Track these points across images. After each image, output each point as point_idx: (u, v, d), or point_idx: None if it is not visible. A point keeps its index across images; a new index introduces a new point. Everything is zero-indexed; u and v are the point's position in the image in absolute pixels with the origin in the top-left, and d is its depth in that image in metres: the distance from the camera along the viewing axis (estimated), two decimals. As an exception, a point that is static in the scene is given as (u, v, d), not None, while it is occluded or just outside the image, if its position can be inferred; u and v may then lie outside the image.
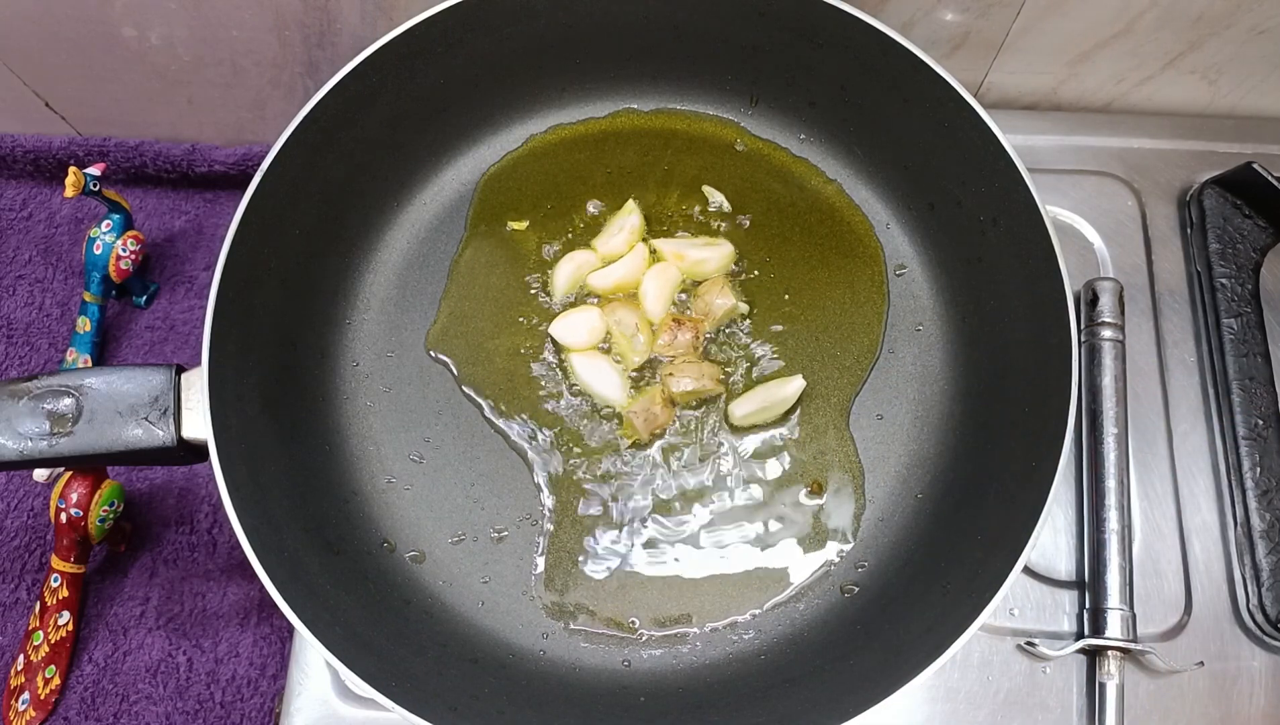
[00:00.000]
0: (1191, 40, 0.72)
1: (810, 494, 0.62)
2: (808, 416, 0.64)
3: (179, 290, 0.87)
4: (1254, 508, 0.64)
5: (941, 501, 0.61)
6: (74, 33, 0.75)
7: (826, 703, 0.51)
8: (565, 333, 0.64)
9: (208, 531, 0.78)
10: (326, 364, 0.65)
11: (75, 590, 0.74)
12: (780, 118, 0.70)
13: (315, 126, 0.60)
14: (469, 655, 0.58)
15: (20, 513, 0.79)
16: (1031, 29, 0.72)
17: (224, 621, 0.75)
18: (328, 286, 0.66)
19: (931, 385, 0.64)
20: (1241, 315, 0.69)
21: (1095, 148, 0.76)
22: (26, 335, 0.85)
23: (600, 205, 0.69)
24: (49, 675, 0.73)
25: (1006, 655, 0.62)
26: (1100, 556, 0.62)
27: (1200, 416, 0.68)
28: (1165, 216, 0.74)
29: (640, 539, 0.61)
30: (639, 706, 0.57)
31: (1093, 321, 0.67)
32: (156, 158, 0.87)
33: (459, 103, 0.68)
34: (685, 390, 0.62)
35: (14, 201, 0.90)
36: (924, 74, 0.61)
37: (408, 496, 0.62)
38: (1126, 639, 0.60)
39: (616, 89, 0.71)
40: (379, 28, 0.70)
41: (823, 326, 0.66)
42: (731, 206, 0.68)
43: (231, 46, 0.76)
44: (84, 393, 0.53)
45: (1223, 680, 0.61)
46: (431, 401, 0.64)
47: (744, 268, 0.67)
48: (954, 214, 0.64)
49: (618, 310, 0.65)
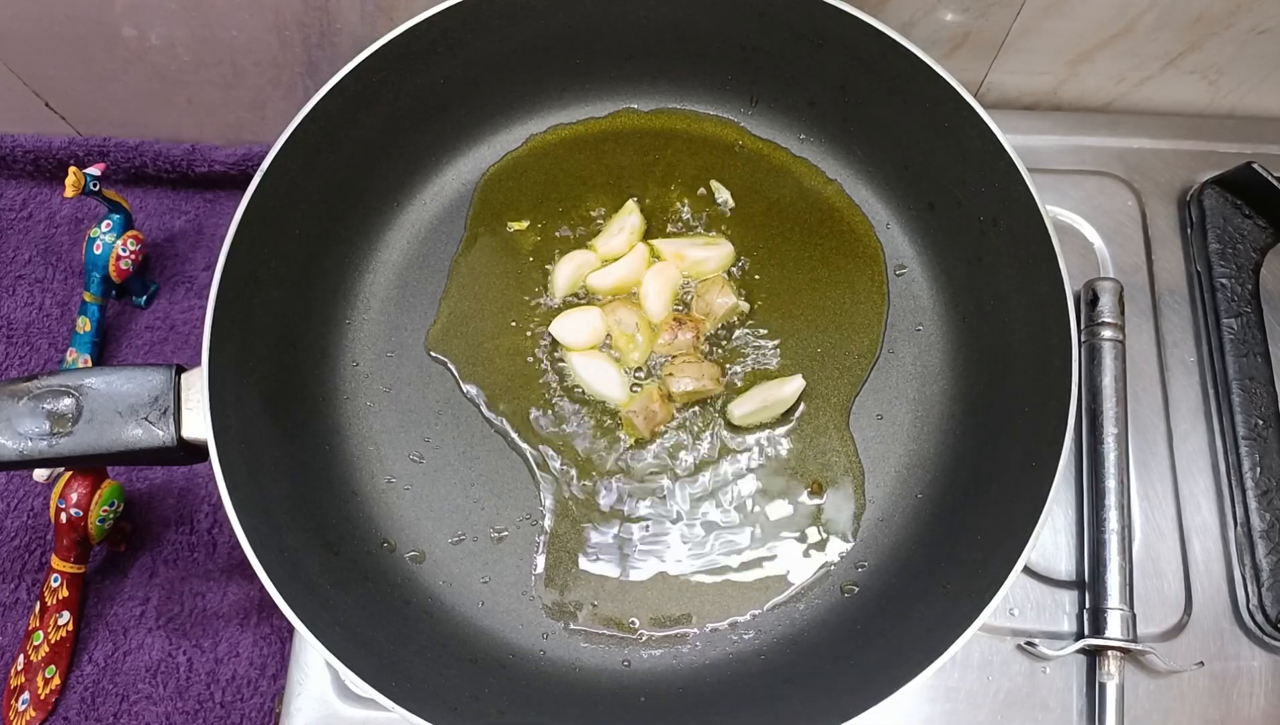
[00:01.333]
0: (1191, 40, 0.72)
1: (810, 494, 0.62)
2: (808, 416, 0.64)
3: (179, 290, 0.87)
4: (1254, 508, 0.64)
5: (941, 501, 0.61)
6: (74, 33, 0.75)
7: (826, 703, 0.51)
8: (565, 332, 0.64)
9: (208, 531, 0.78)
10: (326, 364, 0.65)
11: (75, 590, 0.74)
12: (780, 118, 0.70)
13: (315, 126, 0.60)
14: (469, 655, 0.58)
15: (20, 513, 0.79)
16: (1031, 29, 0.72)
17: (224, 621, 0.75)
18: (328, 286, 0.66)
19: (931, 385, 0.64)
20: (1241, 315, 0.69)
21: (1095, 148, 0.76)
22: (26, 335, 0.85)
23: (600, 205, 0.69)
24: (49, 675, 0.73)
25: (1006, 655, 0.62)
26: (1100, 556, 0.62)
27: (1200, 416, 0.68)
28: (1165, 216, 0.74)
29: (640, 539, 0.61)
30: (639, 706, 0.57)
31: (1093, 321, 0.67)
32: (156, 158, 0.87)
33: (459, 103, 0.68)
34: (685, 390, 0.62)
35: (14, 201, 0.90)
36: (924, 74, 0.61)
37: (408, 496, 0.62)
38: (1126, 639, 0.60)
39: (616, 89, 0.71)
40: (379, 28, 0.70)
41: (823, 326, 0.66)
42: (734, 204, 0.69)
43: (231, 46, 0.76)
44: (84, 393, 0.53)
45: (1223, 680, 0.61)
46: (431, 401, 0.64)
47: (744, 268, 0.67)
48: (954, 214, 0.64)
49: (618, 310, 0.65)
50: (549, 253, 0.68)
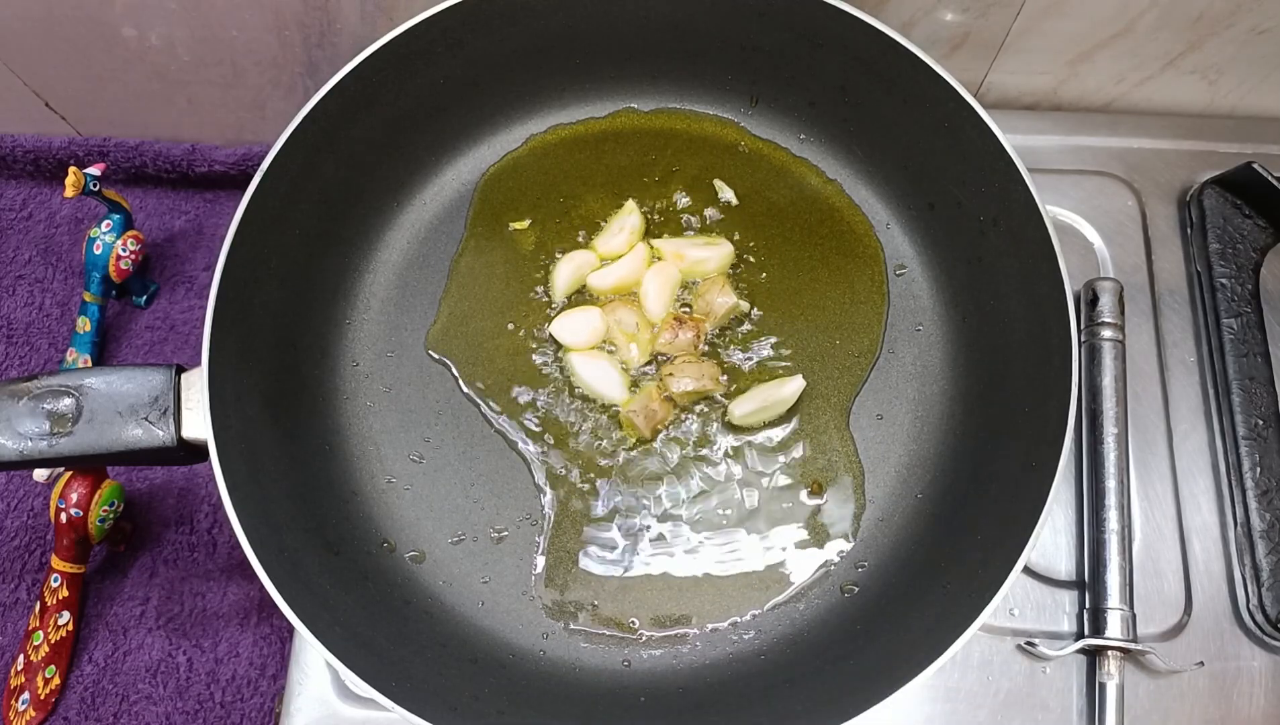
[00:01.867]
0: (1191, 40, 0.72)
1: (810, 494, 0.62)
2: (808, 416, 0.64)
3: (179, 290, 0.87)
4: (1254, 508, 0.64)
5: (941, 501, 0.61)
6: (74, 33, 0.75)
7: (826, 703, 0.51)
8: (566, 332, 0.64)
9: (207, 531, 0.78)
10: (326, 364, 0.65)
11: (75, 590, 0.74)
12: (780, 118, 0.70)
13: (315, 126, 0.60)
14: (469, 655, 0.58)
15: (20, 513, 0.79)
16: (1031, 29, 0.72)
17: (224, 621, 0.75)
18: (328, 286, 0.66)
19: (931, 385, 0.64)
20: (1241, 315, 0.69)
21: (1095, 148, 0.76)
22: (26, 335, 0.85)
23: (601, 205, 0.69)
24: (49, 675, 0.73)
25: (1006, 655, 0.62)
26: (1100, 556, 0.62)
27: (1200, 416, 0.68)
28: (1165, 216, 0.74)
29: (640, 539, 0.61)
30: (639, 706, 0.57)
31: (1093, 321, 0.67)
32: (156, 158, 0.87)
33: (459, 103, 0.68)
34: (686, 390, 0.62)
35: (14, 201, 0.90)
36: (924, 74, 0.61)
37: (408, 496, 0.62)
38: (1126, 639, 0.59)
39: (616, 89, 0.71)
40: (379, 28, 0.70)
41: (823, 326, 0.66)
42: (737, 202, 0.69)
43: (231, 46, 0.76)
44: (84, 393, 0.53)
45: (1223, 680, 0.61)
46: (431, 401, 0.64)
47: (744, 267, 0.67)
48: (954, 214, 0.64)
49: (618, 310, 0.65)
50: (549, 252, 0.68)
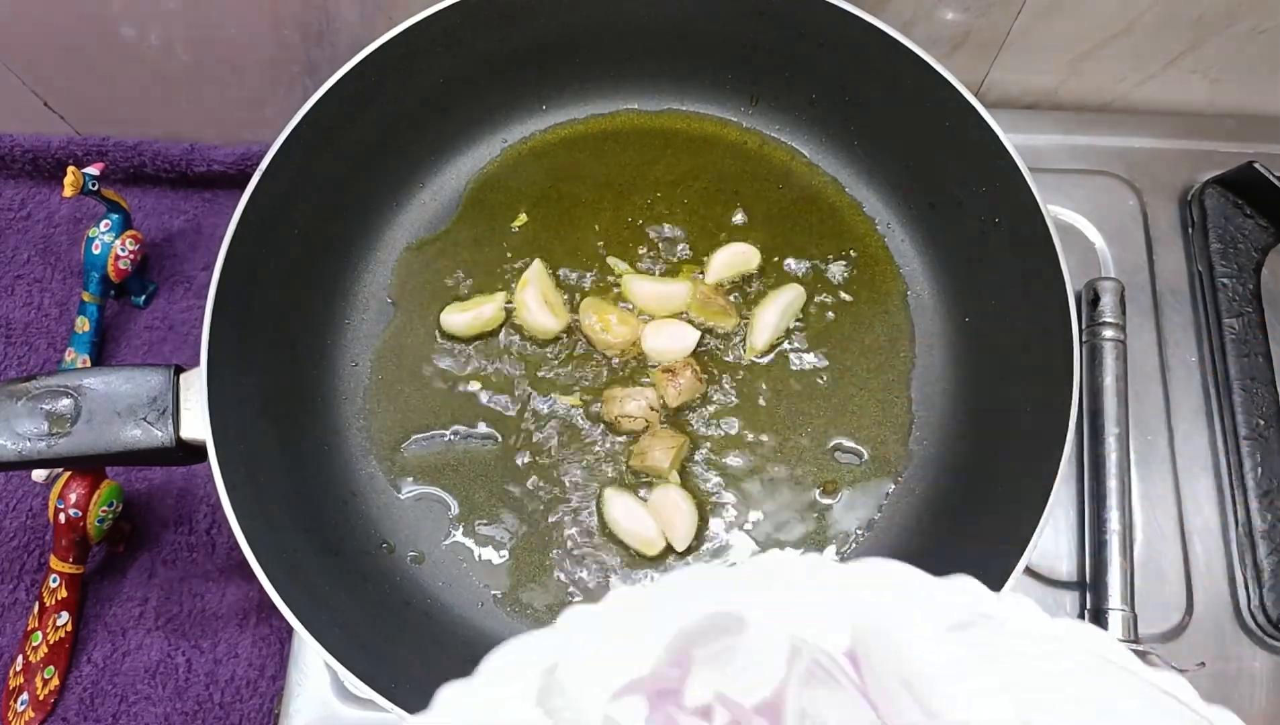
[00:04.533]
0: (1192, 40, 0.72)
1: (824, 493, 0.62)
2: (808, 418, 0.63)
3: (178, 290, 0.87)
4: (1255, 508, 0.64)
5: (941, 501, 0.61)
6: (73, 32, 0.75)
7: (827, 704, 0.51)
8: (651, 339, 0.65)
9: (206, 532, 0.78)
10: (326, 364, 0.65)
11: (74, 591, 0.74)
12: (780, 117, 0.70)
13: (314, 126, 0.60)
14: (469, 656, 0.57)
15: (19, 513, 0.79)
16: (1032, 28, 0.72)
17: (223, 622, 0.75)
18: (327, 286, 0.66)
19: (932, 385, 0.64)
20: (1243, 315, 0.69)
21: (1096, 147, 0.76)
22: (25, 335, 0.85)
23: (600, 204, 0.69)
24: (48, 676, 0.72)
25: (1007, 656, 0.62)
26: (1101, 557, 0.61)
27: (1201, 417, 0.68)
28: (1167, 216, 0.74)
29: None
30: (639, 707, 0.56)
31: (1094, 321, 0.67)
32: (155, 157, 0.87)
33: (459, 102, 0.68)
34: (653, 463, 0.61)
35: (12, 201, 0.90)
36: (924, 73, 0.61)
37: (408, 497, 0.62)
38: (1127, 640, 0.59)
39: (617, 89, 0.71)
40: (378, 27, 0.70)
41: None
42: (746, 218, 0.68)
43: (231, 46, 0.75)
44: (82, 393, 0.53)
45: (1223, 681, 0.61)
46: (431, 401, 0.64)
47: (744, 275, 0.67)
48: (954, 214, 0.64)
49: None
50: (549, 253, 0.67)
